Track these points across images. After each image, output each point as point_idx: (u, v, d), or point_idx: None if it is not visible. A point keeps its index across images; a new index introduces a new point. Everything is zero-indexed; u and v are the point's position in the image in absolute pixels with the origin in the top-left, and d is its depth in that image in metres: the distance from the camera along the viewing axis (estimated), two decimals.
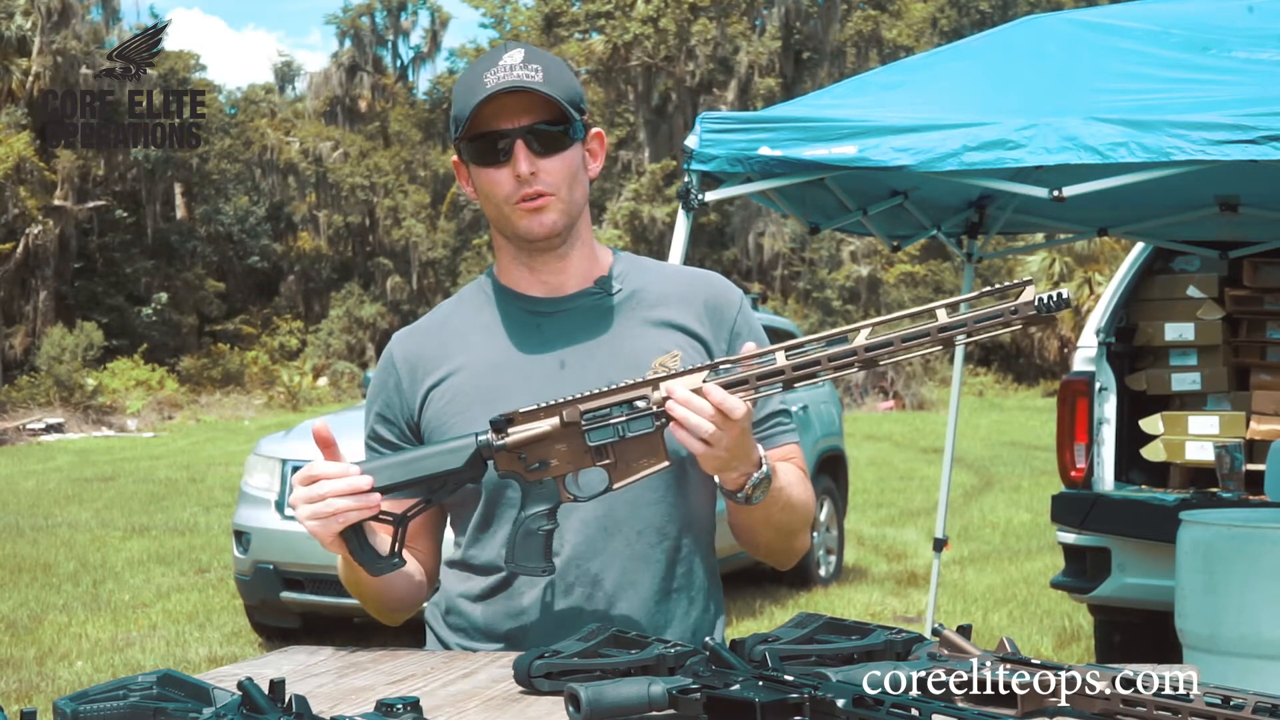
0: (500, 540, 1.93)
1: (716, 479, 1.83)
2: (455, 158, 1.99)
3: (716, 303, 2.01)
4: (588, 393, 1.75)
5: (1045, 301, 1.58)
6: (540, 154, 1.88)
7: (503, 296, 2.02)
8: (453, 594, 2.00)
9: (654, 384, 1.74)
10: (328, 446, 1.80)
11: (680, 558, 1.97)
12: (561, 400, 1.75)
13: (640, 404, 1.74)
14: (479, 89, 1.88)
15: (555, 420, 1.75)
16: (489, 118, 1.88)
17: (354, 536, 1.79)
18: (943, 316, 1.63)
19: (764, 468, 1.80)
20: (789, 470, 1.92)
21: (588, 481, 1.79)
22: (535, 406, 1.76)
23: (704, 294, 2.01)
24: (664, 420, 1.73)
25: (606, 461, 1.75)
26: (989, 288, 1.64)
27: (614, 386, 1.75)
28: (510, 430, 1.76)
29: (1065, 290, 1.61)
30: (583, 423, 1.74)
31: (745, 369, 1.72)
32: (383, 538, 1.83)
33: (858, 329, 1.67)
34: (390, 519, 1.81)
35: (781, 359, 1.69)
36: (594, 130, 1.97)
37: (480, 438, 1.77)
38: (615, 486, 1.77)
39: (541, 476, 1.77)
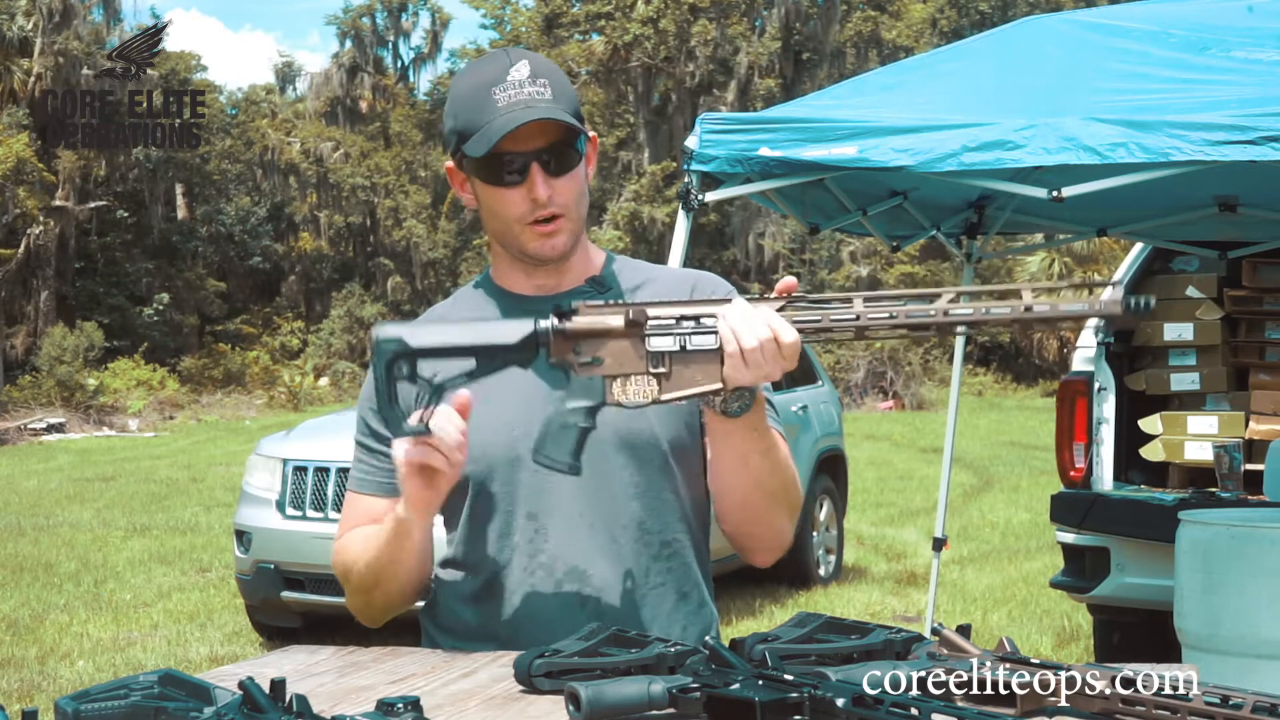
0: (490, 536, 1.94)
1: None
2: (450, 164, 1.98)
3: (704, 296, 2.01)
4: (659, 300, 1.73)
5: (1133, 304, 1.58)
6: (554, 174, 1.88)
7: (496, 296, 2.03)
8: (444, 594, 2.01)
9: (726, 302, 1.71)
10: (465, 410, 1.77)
11: (669, 553, 1.96)
12: (631, 302, 1.72)
13: (708, 321, 1.70)
14: (488, 107, 1.85)
15: (620, 319, 1.70)
16: (502, 139, 1.85)
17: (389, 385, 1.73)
18: (1028, 298, 1.60)
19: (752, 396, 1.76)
20: (779, 439, 1.92)
21: (636, 389, 1.72)
22: (603, 303, 1.72)
23: (691, 289, 2.01)
24: None
25: (660, 371, 1.70)
26: (1075, 281, 1.63)
27: (687, 300, 1.73)
28: (573, 318, 1.72)
29: (1153, 298, 1.60)
30: (646, 326, 1.70)
31: (818, 311, 1.68)
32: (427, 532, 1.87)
33: (940, 294, 1.64)
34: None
35: (859, 305, 1.65)
36: (590, 136, 1.96)
37: (540, 322, 1.72)
38: (663, 398, 1.72)
39: (591, 373, 1.72)
